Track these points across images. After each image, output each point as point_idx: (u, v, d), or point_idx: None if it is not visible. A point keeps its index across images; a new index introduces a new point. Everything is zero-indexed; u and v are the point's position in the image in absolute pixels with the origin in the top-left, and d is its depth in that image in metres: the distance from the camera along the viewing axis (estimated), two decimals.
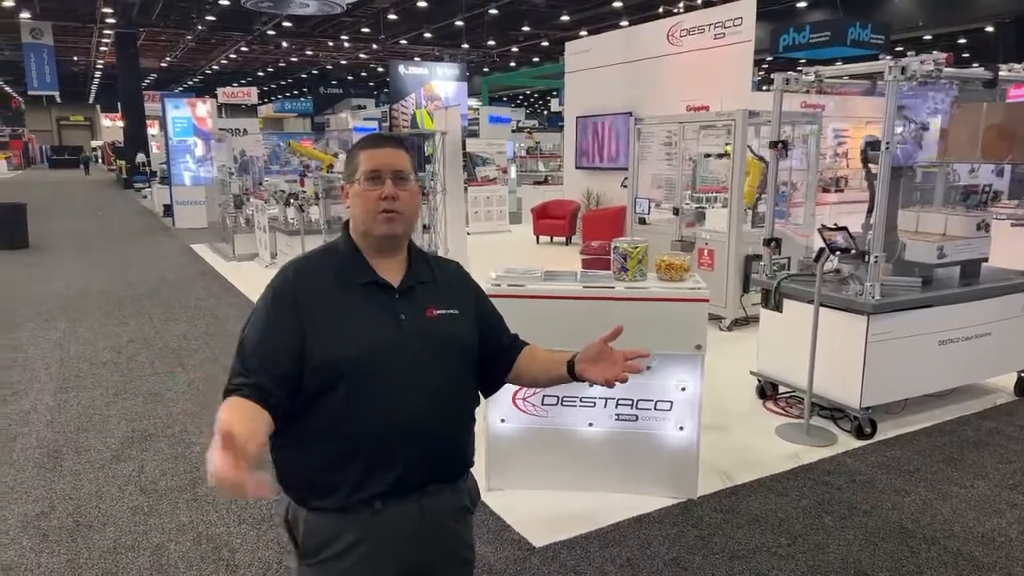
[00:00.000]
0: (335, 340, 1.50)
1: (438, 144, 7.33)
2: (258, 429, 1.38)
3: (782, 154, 4.66)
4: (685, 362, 3.37)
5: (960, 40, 25.08)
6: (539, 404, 3.49)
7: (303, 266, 1.62)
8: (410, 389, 1.53)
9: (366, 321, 1.54)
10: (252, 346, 1.51)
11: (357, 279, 1.58)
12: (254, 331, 1.53)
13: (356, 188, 1.59)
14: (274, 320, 1.52)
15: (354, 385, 1.49)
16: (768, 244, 4.72)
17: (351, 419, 1.50)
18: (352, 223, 1.63)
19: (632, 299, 3.32)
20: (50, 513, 3.48)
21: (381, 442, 1.51)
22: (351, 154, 1.64)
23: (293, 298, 1.53)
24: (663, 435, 3.46)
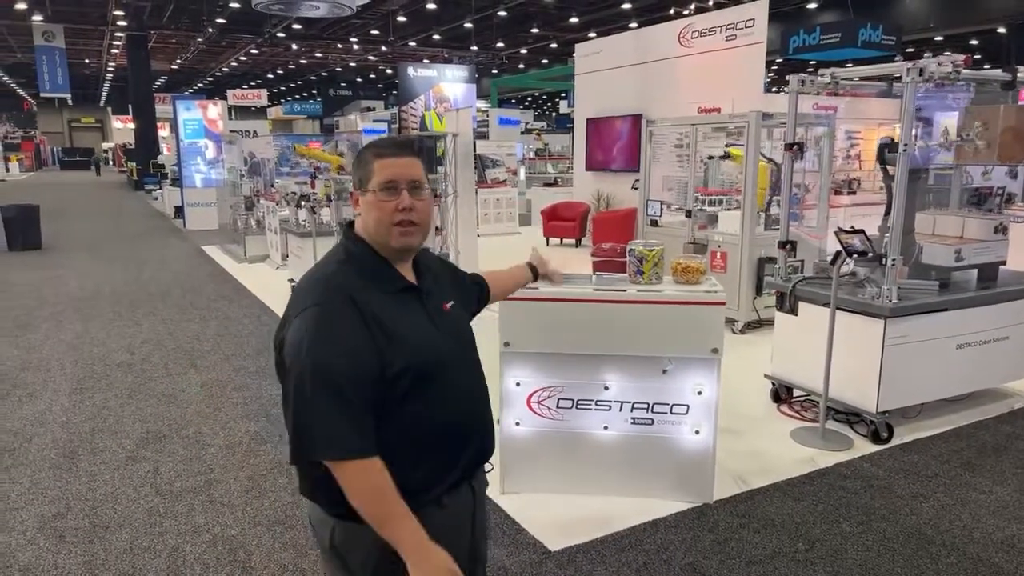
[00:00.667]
0: (405, 348, 1.48)
1: (449, 146, 7.33)
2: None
3: (797, 156, 4.63)
4: (701, 366, 3.35)
5: (972, 41, 24.93)
6: (554, 407, 3.48)
7: (342, 280, 1.52)
8: (462, 383, 1.61)
9: (417, 325, 1.55)
10: (347, 372, 1.42)
11: (393, 286, 1.57)
12: (337, 353, 1.42)
13: (370, 197, 1.55)
14: (353, 336, 1.44)
15: (423, 389, 1.51)
16: (783, 247, 4.69)
17: (420, 424, 1.51)
18: (365, 231, 1.58)
19: (648, 302, 3.30)
20: (67, 514, 3.49)
21: (451, 440, 1.57)
22: (363, 159, 1.59)
23: (356, 309, 1.46)
24: (679, 439, 3.44)
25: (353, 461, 1.41)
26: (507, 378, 3.47)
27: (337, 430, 1.40)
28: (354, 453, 1.41)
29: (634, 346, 3.35)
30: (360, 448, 1.41)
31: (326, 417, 1.40)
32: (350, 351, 1.43)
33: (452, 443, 1.57)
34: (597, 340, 3.37)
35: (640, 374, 3.39)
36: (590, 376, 3.42)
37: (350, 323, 1.45)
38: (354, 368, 1.42)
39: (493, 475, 3.73)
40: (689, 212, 6.95)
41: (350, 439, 1.41)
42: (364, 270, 1.55)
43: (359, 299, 1.48)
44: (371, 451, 1.42)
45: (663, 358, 3.35)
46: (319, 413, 1.40)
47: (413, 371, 1.48)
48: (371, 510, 1.41)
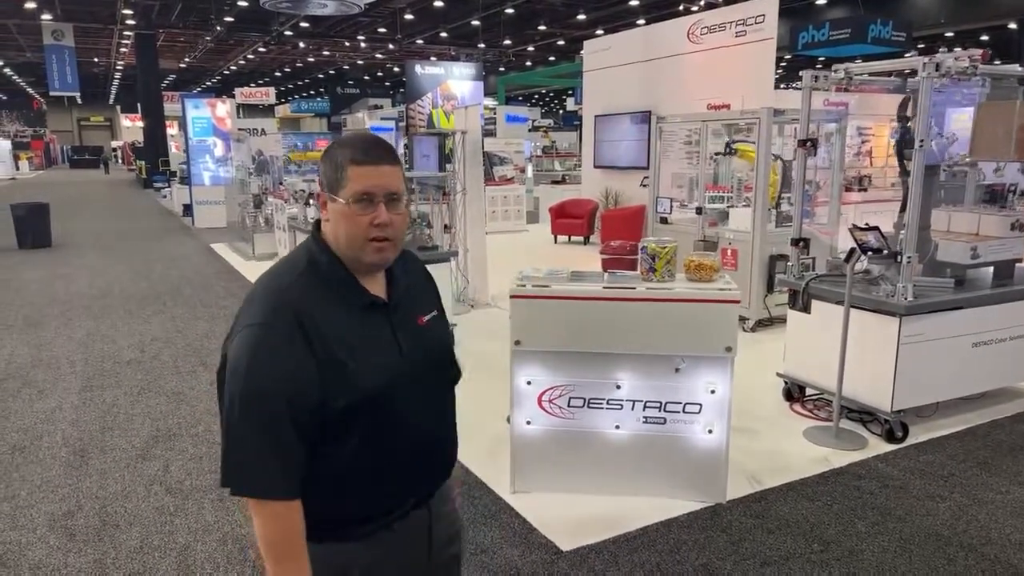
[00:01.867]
0: (354, 376, 1.36)
1: (458, 143, 7.30)
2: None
3: (811, 152, 4.58)
4: (715, 364, 3.31)
5: (982, 37, 24.74)
6: (565, 406, 3.45)
7: (292, 296, 1.37)
8: (421, 407, 1.49)
9: (375, 348, 1.42)
10: (277, 399, 1.31)
11: (354, 301, 1.43)
12: (270, 377, 1.31)
13: (343, 208, 1.38)
14: (285, 362, 1.32)
15: (378, 417, 1.41)
16: (796, 244, 4.65)
17: (374, 452, 1.42)
18: (334, 240, 1.42)
19: (661, 300, 3.27)
20: (77, 512, 3.49)
21: (405, 469, 1.48)
22: (335, 161, 1.40)
23: (303, 334, 1.33)
24: (692, 438, 3.41)
25: (270, 502, 1.33)
26: (518, 376, 3.45)
27: (259, 468, 1.32)
28: (273, 494, 1.33)
29: (646, 344, 3.32)
30: (282, 490, 1.33)
31: (251, 452, 1.31)
32: (289, 380, 1.31)
33: (406, 472, 1.49)
34: (609, 338, 3.34)
35: (652, 373, 3.35)
36: (602, 375, 3.39)
37: (294, 349, 1.32)
38: (290, 400, 1.31)
39: (503, 474, 3.73)
40: (700, 209, 6.90)
41: (272, 480, 1.32)
42: (326, 283, 1.41)
43: (311, 320, 1.34)
44: (292, 493, 1.34)
45: (676, 356, 3.32)
46: (245, 446, 1.32)
47: (361, 402, 1.37)
48: (270, 553, 1.35)
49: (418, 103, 27.01)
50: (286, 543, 1.35)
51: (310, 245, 1.46)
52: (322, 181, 1.43)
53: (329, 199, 1.40)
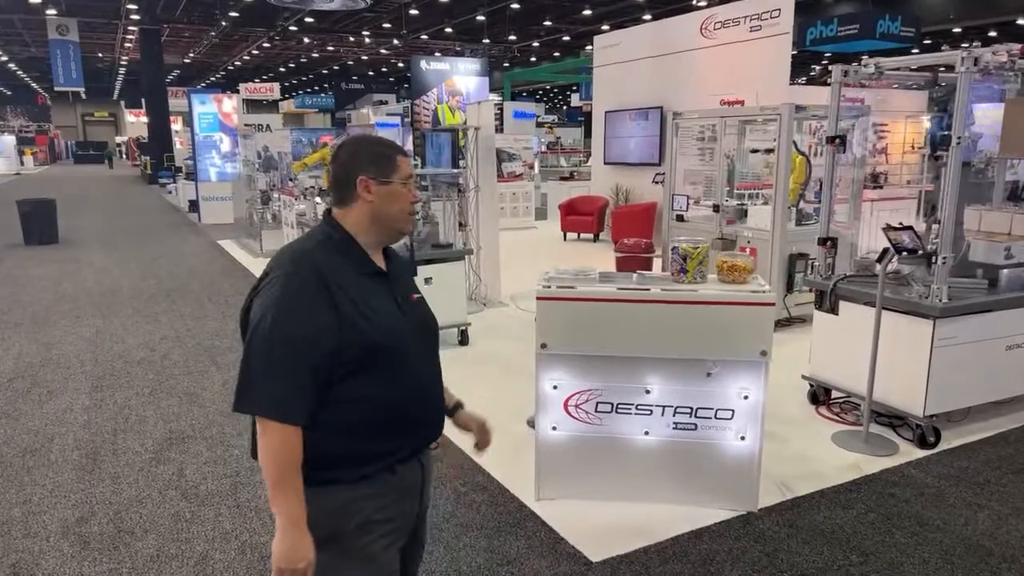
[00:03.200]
0: (368, 325, 1.59)
1: (471, 139, 7.19)
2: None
3: (840, 149, 4.47)
4: (748, 369, 3.21)
5: (991, 33, 24.54)
6: (592, 411, 3.35)
7: (316, 257, 1.62)
8: (421, 365, 1.74)
9: (383, 306, 1.66)
10: (301, 342, 1.53)
11: (364, 269, 1.69)
12: (296, 323, 1.53)
13: (397, 188, 1.70)
14: (309, 307, 1.55)
15: (387, 365, 1.63)
16: (824, 243, 4.54)
17: (382, 397, 1.63)
18: (371, 217, 1.69)
19: (694, 302, 3.16)
20: (90, 519, 3.40)
21: (409, 414, 1.70)
22: (383, 153, 1.71)
23: (325, 287, 1.56)
24: (723, 445, 3.30)
25: (280, 424, 1.52)
26: (544, 381, 3.35)
27: (277, 392, 1.52)
28: (286, 417, 1.52)
29: (677, 348, 3.22)
30: (295, 415, 1.53)
31: (271, 377, 1.52)
32: (310, 322, 1.54)
33: (405, 421, 1.69)
34: (639, 342, 3.24)
35: (683, 377, 3.25)
36: (631, 379, 3.29)
37: (317, 296, 1.55)
38: (310, 340, 1.53)
39: (527, 480, 3.63)
40: (717, 207, 6.78)
41: (285, 403, 1.52)
42: (339, 253, 1.66)
43: (331, 275, 1.58)
44: (300, 420, 1.53)
45: (708, 361, 3.22)
46: (266, 372, 1.52)
47: (373, 350, 1.60)
48: (273, 472, 1.53)
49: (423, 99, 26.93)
50: (290, 464, 1.53)
51: (323, 226, 1.72)
52: (371, 173, 1.69)
53: (380, 183, 1.68)
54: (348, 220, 1.70)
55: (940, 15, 18.91)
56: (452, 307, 6.01)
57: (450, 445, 4.13)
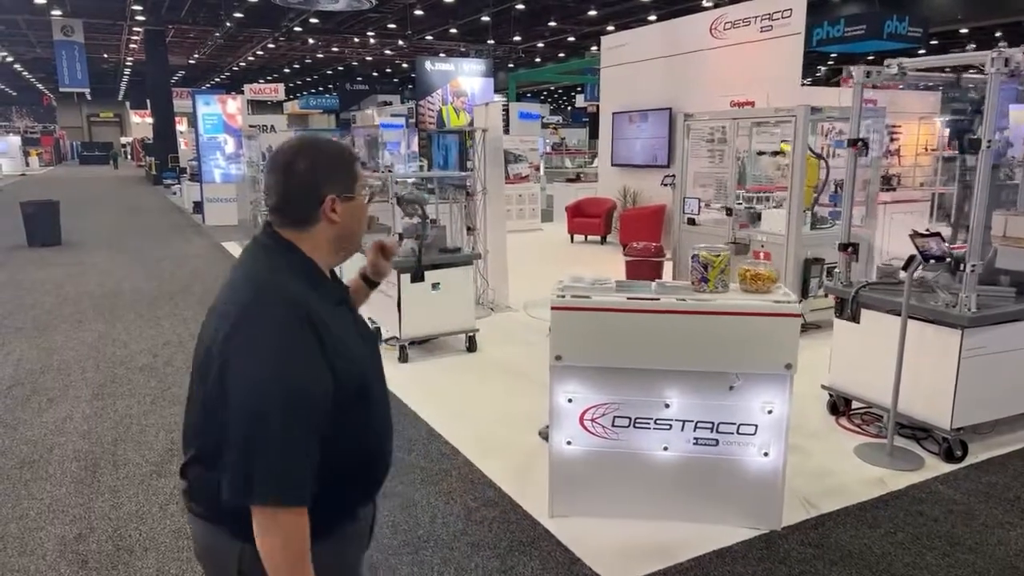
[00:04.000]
0: (353, 365, 1.41)
1: (478, 141, 7.07)
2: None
3: (862, 152, 4.34)
4: (772, 382, 3.08)
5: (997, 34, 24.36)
6: (609, 426, 3.22)
7: (300, 296, 1.36)
8: (383, 399, 1.56)
9: (353, 341, 1.47)
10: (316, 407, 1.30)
11: (331, 298, 1.47)
12: (311, 385, 1.30)
13: (359, 202, 1.48)
14: (308, 358, 1.31)
15: (362, 405, 1.45)
16: (845, 249, 4.40)
17: (359, 441, 1.45)
18: (336, 240, 1.46)
19: (716, 313, 3.03)
20: (88, 536, 3.28)
21: (378, 455, 1.53)
22: (345, 163, 1.46)
23: (314, 328, 1.32)
24: (745, 461, 3.17)
25: (290, 510, 1.27)
26: (558, 394, 3.23)
27: (296, 471, 1.27)
28: (299, 502, 1.28)
29: (699, 360, 3.09)
30: (304, 497, 1.29)
31: (290, 455, 1.27)
32: (315, 376, 1.30)
33: (378, 458, 1.54)
34: (658, 354, 3.11)
35: (705, 391, 3.12)
36: (649, 392, 3.16)
37: (309, 345, 1.31)
38: (319, 397, 1.30)
39: (539, 496, 3.51)
40: (730, 210, 6.65)
41: (299, 487, 1.27)
42: (308, 282, 1.42)
43: (317, 318, 1.34)
44: (308, 501, 1.29)
45: (730, 374, 3.09)
46: (284, 450, 1.26)
47: (359, 388, 1.42)
48: (280, 561, 1.27)
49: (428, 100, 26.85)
50: (301, 555, 1.29)
51: (281, 251, 1.43)
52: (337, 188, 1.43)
53: (345, 200, 1.43)
54: (307, 243, 1.43)
55: (947, 16, 18.76)
56: (460, 313, 5.90)
57: (460, 457, 4.02)
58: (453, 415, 4.63)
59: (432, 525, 3.34)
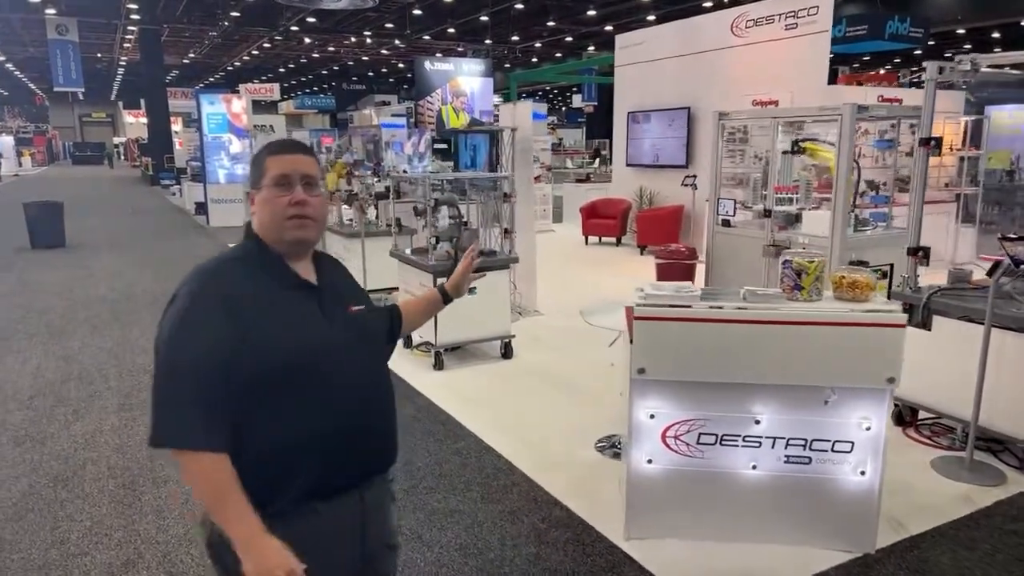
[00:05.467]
0: (276, 343, 1.48)
1: (507, 141, 6.87)
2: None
3: (934, 152, 4.17)
4: (870, 396, 2.90)
5: (994, 35, 24.39)
6: (694, 443, 3.04)
7: (223, 273, 1.55)
8: (347, 387, 1.56)
9: (301, 323, 1.53)
10: (200, 365, 1.42)
11: (284, 282, 1.56)
12: (193, 346, 1.44)
13: (264, 194, 1.56)
14: (214, 331, 1.44)
15: (303, 387, 1.49)
16: (914, 254, 4.23)
17: (295, 424, 1.49)
18: (260, 229, 1.59)
19: (817, 323, 2.85)
20: (137, 562, 3.07)
21: (332, 442, 1.52)
22: (257, 159, 1.61)
23: (226, 302, 1.47)
24: (840, 480, 2.99)
25: (195, 453, 1.42)
26: (639, 409, 3.04)
27: (184, 421, 1.42)
28: (197, 446, 1.42)
29: (792, 374, 2.91)
30: (205, 443, 1.41)
31: (177, 407, 1.42)
32: (210, 345, 1.43)
33: (329, 450, 1.52)
34: (749, 366, 2.92)
35: (797, 406, 2.94)
36: (738, 408, 2.98)
37: (215, 317, 1.45)
38: (210, 363, 1.42)
39: (611, 516, 3.32)
40: (768, 211, 6.47)
41: (194, 432, 1.41)
42: (255, 265, 1.56)
43: (236, 294, 1.48)
44: (216, 446, 1.42)
45: (826, 388, 2.91)
46: (171, 402, 1.43)
47: (283, 369, 1.47)
48: (208, 503, 1.44)
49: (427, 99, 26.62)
50: (221, 490, 1.42)
51: (244, 238, 1.62)
52: (251, 183, 1.61)
53: (255, 193, 1.58)
54: (258, 231, 1.60)
55: (947, 16, 18.71)
56: (496, 318, 5.71)
57: (517, 472, 3.83)
58: (501, 426, 4.44)
59: (503, 548, 3.15)
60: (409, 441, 4.26)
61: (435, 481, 3.75)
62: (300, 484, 1.50)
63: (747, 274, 6.39)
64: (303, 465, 1.50)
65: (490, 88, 27.65)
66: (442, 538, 3.22)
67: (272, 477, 1.48)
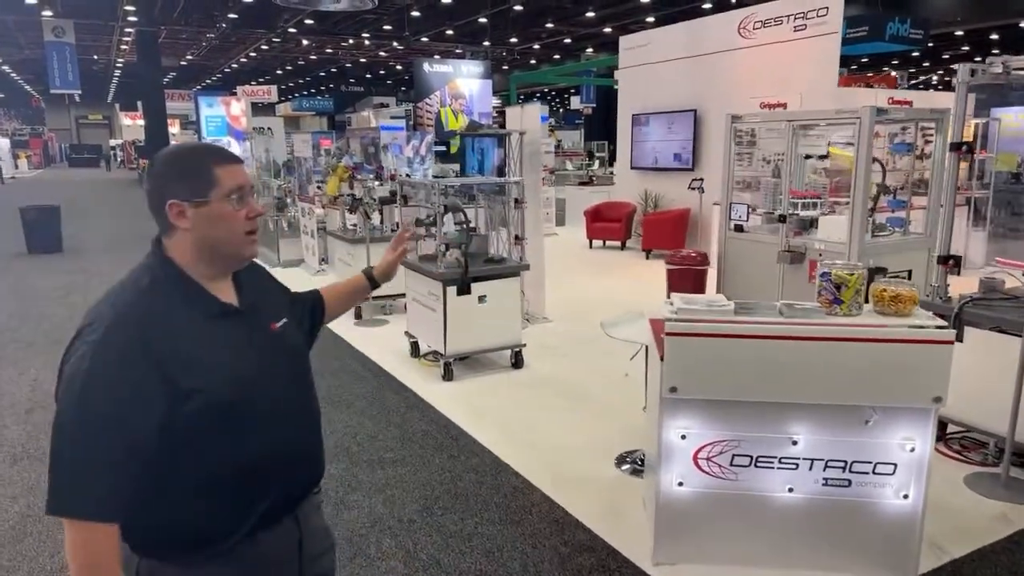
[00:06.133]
0: (208, 384, 1.36)
1: (515, 144, 6.74)
2: None
3: (965, 157, 4.03)
4: (914, 416, 2.77)
5: (992, 36, 24.34)
6: (727, 465, 2.89)
7: (139, 311, 1.35)
8: (278, 413, 1.48)
9: (232, 356, 1.42)
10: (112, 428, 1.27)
11: (205, 311, 1.43)
12: (107, 406, 1.27)
13: (218, 208, 1.41)
14: (132, 387, 1.28)
15: (233, 421, 1.40)
16: (945, 262, 4.09)
17: (232, 459, 1.41)
18: (196, 248, 1.42)
19: (861, 340, 2.70)
20: None
21: (259, 475, 1.45)
22: (195, 167, 1.42)
23: (147, 349, 1.30)
24: (881, 504, 2.85)
25: (88, 523, 1.29)
26: (670, 429, 2.89)
27: (75, 487, 1.28)
28: (99, 516, 1.29)
29: (832, 392, 2.76)
30: (109, 511, 1.29)
31: (81, 471, 1.28)
32: (126, 400, 1.28)
33: (265, 478, 1.46)
34: (786, 385, 2.78)
35: (837, 426, 2.80)
36: (774, 428, 2.84)
37: (135, 369, 1.29)
38: (127, 421, 1.28)
39: (637, 539, 3.18)
40: (783, 216, 6.33)
41: (89, 501, 1.28)
42: (173, 296, 1.40)
43: (155, 334, 1.33)
44: (113, 517, 1.30)
45: (867, 407, 2.76)
46: (73, 467, 1.28)
47: (215, 409, 1.36)
48: (75, 572, 1.30)
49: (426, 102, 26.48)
50: (95, 567, 1.30)
51: (150, 262, 1.44)
52: (183, 193, 1.40)
53: (193, 205, 1.40)
54: (175, 252, 1.43)
55: (947, 17, 18.65)
56: (506, 327, 5.56)
57: (536, 492, 3.68)
58: (515, 441, 4.29)
59: (525, 574, 3.00)
60: (421, 456, 4.11)
61: (451, 501, 3.60)
62: (242, 518, 1.44)
63: (761, 281, 6.26)
64: (245, 499, 1.44)
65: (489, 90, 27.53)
66: (461, 564, 3.07)
67: (214, 515, 1.42)
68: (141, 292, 1.39)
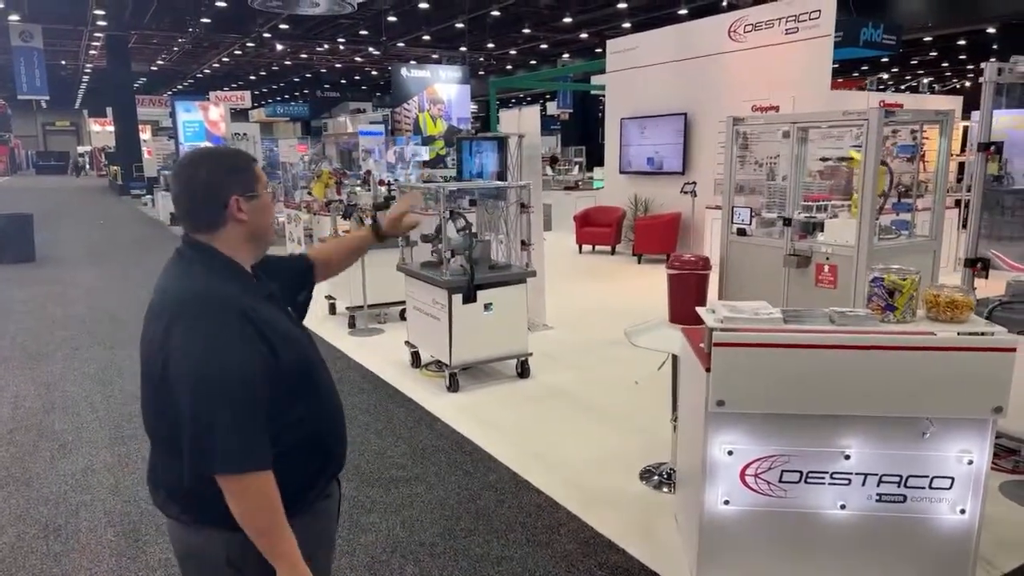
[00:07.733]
0: (289, 348, 1.51)
1: (514, 148, 6.57)
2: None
3: (992, 158, 3.95)
4: (972, 428, 2.64)
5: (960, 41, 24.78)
6: (775, 481, 2.75)
7: (221, 292, 1.47)
8: (329, 382, 1.65)
9: (290, 330, 1.57)
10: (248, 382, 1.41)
11: (261, 292, 1.58)
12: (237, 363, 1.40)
13: (264, 199, 1.59)
14: (249, 344, 1.43)
15: (310, 383, 1.57)
16: (972, 265, 4.01)
17: (314, 415, 1.56)
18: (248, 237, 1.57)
19: (919, 348, 2.58)
20: None
21: (337, 427, 1.65)
22: (243, 166, 1.58)
23: (246, 317, 1.44)
24: (936, 520, 2.73)
25: (257, 475, 1.39)
26: (715, 445, 2.74)
27: (246, 441, 1.39)
28: (261, 464, 1.40)
29: (887, 404, 2.63)
30: (267, 463, 1.41)
31: (237, 427, 1.38)
32: (251, 357, 1.42)
33: (335, 436, 1.64)
34: (838, 396, 2.64)
35: (892, 439, 2.67)
36: (826, 442, 2.70)
37: (244, 329, 1.43)
38: (256, 377, 1.42)
39: (673, 558, 3.03)
40: (789, 220, 6.24)
41: (258, 450, 1.40)
42: (235, 281, 1.53)
43: (246, 308, 1.46)
44: (270, 464, 1.42)
45: (923, 419, 2.64)
46: (231, 423, 1.37)
47: (299, 371, 1.53)
48: (258, 522, 1.41)
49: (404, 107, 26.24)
50: (276, 512, 1.41)
51: (193, 255, 1.55)
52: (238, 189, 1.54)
53: (248, 198, 1.55)
54: (222, 244, 1.55)
55: (918, 23, 18.91)
56: (513, 335, 5.39)
57: (562, 510, 3.51)
58: (531, 455, 4.12)
59: None
60: (435, 473, 3.92)
61: (472, 522, 3.42)
62: (320, 477, 1.61)
63: (764, 285, 6.16)
64: (320, 460, 1.59)
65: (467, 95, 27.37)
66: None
67: (303, 473, 1.55)
68: (208, 277, 1.50)
